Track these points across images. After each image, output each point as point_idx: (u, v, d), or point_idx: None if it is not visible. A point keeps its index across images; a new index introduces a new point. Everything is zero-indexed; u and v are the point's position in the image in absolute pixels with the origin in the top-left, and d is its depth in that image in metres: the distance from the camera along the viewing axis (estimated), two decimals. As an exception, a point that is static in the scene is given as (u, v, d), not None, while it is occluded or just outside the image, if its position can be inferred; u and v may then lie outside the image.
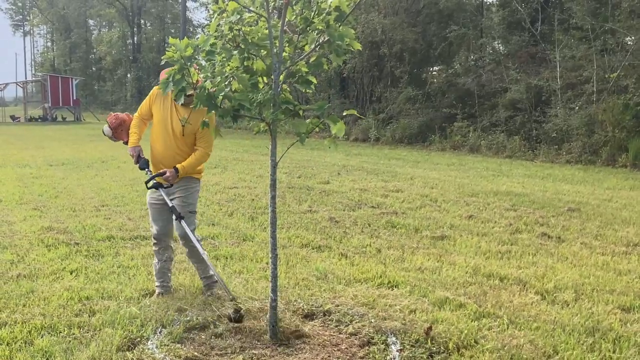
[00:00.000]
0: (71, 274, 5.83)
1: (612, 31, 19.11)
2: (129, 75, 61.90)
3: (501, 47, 24.86)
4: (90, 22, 74.09)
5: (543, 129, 19.73)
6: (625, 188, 12.49)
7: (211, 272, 5.27)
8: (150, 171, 5.21)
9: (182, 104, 5.04)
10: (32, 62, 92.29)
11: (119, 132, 5.49)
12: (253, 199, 10.11)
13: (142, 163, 5.26)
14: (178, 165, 5.04)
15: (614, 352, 4.19)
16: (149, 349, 4.10)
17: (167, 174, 5.02)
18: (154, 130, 5.21)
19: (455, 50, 25.95)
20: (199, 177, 5.33)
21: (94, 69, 69.74)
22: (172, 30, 60.57)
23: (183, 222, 5.05)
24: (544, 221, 8.65)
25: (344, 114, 4.21)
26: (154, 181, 5.09)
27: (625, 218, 8.97)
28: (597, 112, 18.04)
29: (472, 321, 4.68)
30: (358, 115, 4.34)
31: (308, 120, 4.03)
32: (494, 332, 4.49)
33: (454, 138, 21.92)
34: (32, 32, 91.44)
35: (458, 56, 25.31)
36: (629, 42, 19.45)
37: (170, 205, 5.05)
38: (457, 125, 22.18)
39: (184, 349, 4.08)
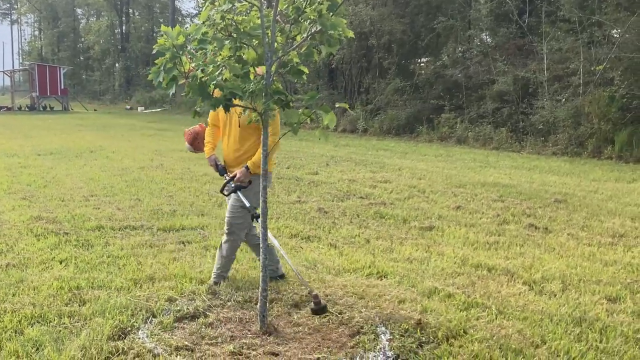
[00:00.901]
0: (61, 263, 5.81)
1: (598, 24, 19.19)
2: (117, 65, 61.53)
3: (489, 39, 24.88)
4: (78, 11, 73.35)
5: (530, 120, 19.82)
6: (611, 180, 12.60)
7: (226, 275, 5.31)
8: (228, 175, 5.18)
9: None
10: (20, 51, 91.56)
11: (196, 144, 5.52)
12: (242, 190, 10.09)
13: (221, 170, 5.25)
14: (248, 163, 5.00)
15: (600, 342, 4.24)
16: (139, 338, 4.11)
17: (238, 174, 5.01)
18: (222, 131, 5.20)
19: (443, 41, 25.97)
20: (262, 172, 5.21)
21: (82, 58, 69.11)
22: (161, 20, 60.26)
23: (259, 222, 5.01)
24: (531, 212, 8.71)
25: (337, 106, 4.21)
26: (231, 185, 5.07)
27: (611, 209, 9.06)
28: (584, 104, 18.14)
29: (460, 311, 4.73)
30: (348, 108, 4.34)
31: (300, 111, 4.04)
32: (482, 322, 4.53)
33: (442, 129, 21.98)
34: (19, 20, 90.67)
35: (446, 48, 25.33)
36: (615, 35, 19.56)
37: (248, 205, 5.03)
38: (444, 117, 22.24)
39: (175, 338, 4.09)
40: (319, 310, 4.42)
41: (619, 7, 18.79)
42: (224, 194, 5.21)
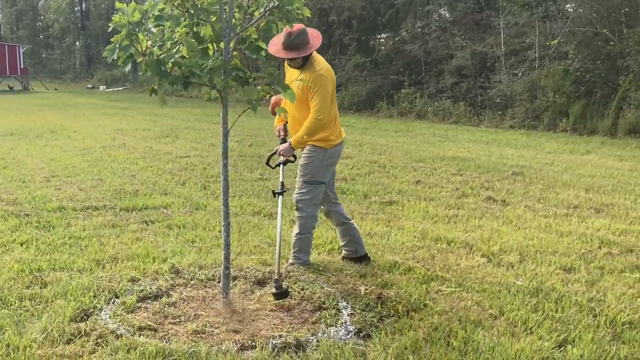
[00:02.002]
0: (21, 245, 5.72)
1: (553, -2, 19.48)
2: (77, 43, 60.43)
3: (447, 14, 25.01)
4: (37, -12, 71.56)
5: (488, 94, 20.06)
6: (566, 152, 12.86)
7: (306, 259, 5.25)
8: None
9: (292, 67, 4.96)
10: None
11: (274, 113, 5.43)
12: (205, 168, 10.07)
13: (281, 142, 5.20)
14: (291, 139, 4.97)
15: (556, 311, 4.35)
16: (102, 319, 4.08)
17: (280, 148, 5.00)
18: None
19: (403, 17, 26.00)
20: (323, 145, 5.05)
21: (41, 36, 67.63)
22: (121, -3, 59.23)
23: (280, 199, 4.96)
24: (489, 185, 8.86)
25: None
26: (280, 160, 5.07)
27: (566, 181, 9.26)
28: (539, 78, 18.45)
29: (420, 284, 4.80)
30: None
31: (259, 87, 4.03)
32: (442, 294, 4.62)
33: (402, 105, 22.11)
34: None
35: (405, 23, 25.39)
36: (569, 9, 19.84)
37: (281, 180, 5.03)
38: (404, 92, 22.36)
39: (138, 318, 4.08)
40: (280, 294, 4.37)
41: (573, -18, 19.05)
42: (270, 166, 5.23)
